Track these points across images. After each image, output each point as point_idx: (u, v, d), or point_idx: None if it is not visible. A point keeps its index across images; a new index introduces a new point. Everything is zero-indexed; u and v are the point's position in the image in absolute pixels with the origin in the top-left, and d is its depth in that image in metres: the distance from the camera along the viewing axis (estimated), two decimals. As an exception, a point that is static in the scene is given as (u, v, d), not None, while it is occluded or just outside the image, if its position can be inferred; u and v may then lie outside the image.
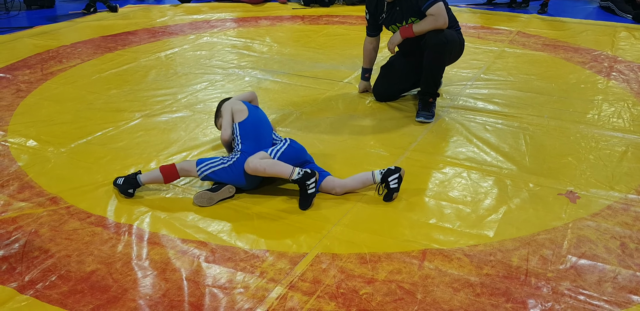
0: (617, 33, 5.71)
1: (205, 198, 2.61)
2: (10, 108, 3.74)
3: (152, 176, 2.69)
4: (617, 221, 2.51)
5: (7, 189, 2.74)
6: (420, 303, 2.01)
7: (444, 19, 3.41)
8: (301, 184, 2.56)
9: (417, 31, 3.47)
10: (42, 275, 2.14)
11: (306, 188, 2.56)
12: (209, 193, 2.61)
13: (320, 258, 2.24)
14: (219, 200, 2.63)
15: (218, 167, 2.66)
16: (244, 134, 2.78)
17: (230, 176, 2.65)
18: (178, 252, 2.29)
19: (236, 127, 2.82)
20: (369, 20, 3.80)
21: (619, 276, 2.16)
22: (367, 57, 3.96)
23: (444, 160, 3.05)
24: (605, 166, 2.98)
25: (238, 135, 2.78)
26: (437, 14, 3.41)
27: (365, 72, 4.00)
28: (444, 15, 3.41)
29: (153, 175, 2.69)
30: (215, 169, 2.66)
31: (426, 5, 3.40)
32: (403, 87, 3.93)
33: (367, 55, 3.96)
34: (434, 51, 3.48)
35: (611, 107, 3.76)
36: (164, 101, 3.86)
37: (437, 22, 3.42)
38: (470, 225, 2.48)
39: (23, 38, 5.43)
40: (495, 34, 5.66)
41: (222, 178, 2.66)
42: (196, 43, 5.31)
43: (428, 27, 3.44)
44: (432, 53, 3.49)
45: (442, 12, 3.42)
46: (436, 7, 3.41)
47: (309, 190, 2.56)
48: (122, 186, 2.67)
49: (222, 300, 2.02)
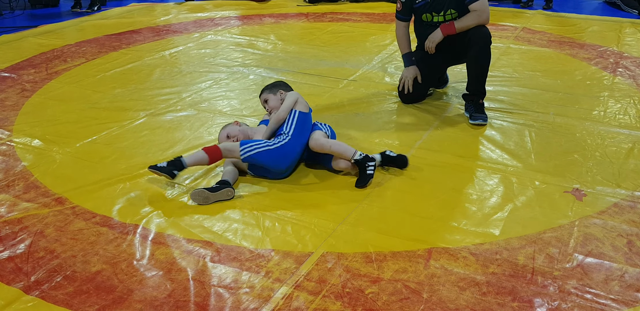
0: (623, 29, 5.67)
1: (202, 197, 2.61)
2: (15, 108, 3.74)
3: (196, 158, 2.71)
4: (623, 218, 2.50)
5: (12, 190, 2.75)
6: (426, 302, 2.00)
7: (487, 15, 3.37)
8: (361, 165, 2.74)
9: (459, 27, 3.39)
10: (48, 275, 2.15)
11: (365, 169, 2.73)
12: (206, 192, 2.61)
13: (326, 258, 2.24)
14: (215, 201, 2.63)
15: (262, 148, 2.70)
16: (299, 123, 2.84)
17: (272, 158, 2.72)
18: (183, 252, 2.29)
19: (295, 114, 2.87)
20: (405, 2, 3.60)
21: (626, 275, 2.14)
22: (405, 42, 3.73)
23: (450, 158, 3.04)
24: (612, 163, 2.97)
25: (294, 122, 2.84)
26: (481, 10, 3.35)
27: (410, 56, 3.75)
28: (487, 11, 3.36)
29: (197, 157, 2.71)
30: (260, 150, 2.70)
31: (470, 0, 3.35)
32: (428, 88, 3.86)
33: (405, 40, 3.73)
34: (481, 46, 3.39)
35: (617, 104, 3.74)
36: (169, 100, 3.86)
37: (481, 18, 3.36)
38: (476, 223, 2.47)
39: (28, 37, 5.44)
40: (501, 30, 5.64)
41: (264, 159, 2.71)
42: (200, 41, 5.31)
43: (472, 24, 3.37)
44: (479, 49, 3.40)
45: (486, 7, 3.36)
46: (481, 3, 3.34)
47: (368, 171, 2.72)
48: (167, 167, 2.68)
49: (227, 300, 2.02)
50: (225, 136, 2.97)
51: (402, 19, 3.70)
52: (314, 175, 2.86)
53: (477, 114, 3.46)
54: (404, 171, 2.89)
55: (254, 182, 2.81)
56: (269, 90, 3.12)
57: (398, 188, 2.75)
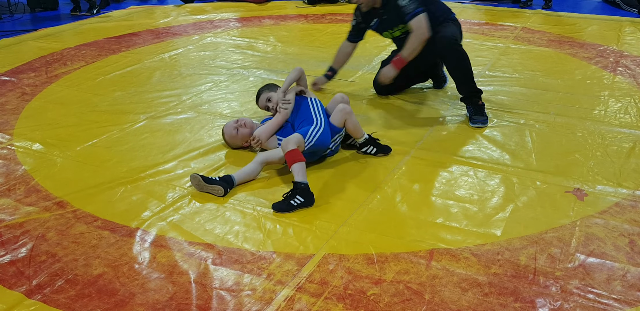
0: (623, 28, 5.67)
1: (196, 182, 2.69)
2: (15, 112, 3.75)
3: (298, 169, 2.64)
4: (625, 218, 2.49)
5: (13, 194, 2.75)
6: (428, 304, 2.00)
7: (424, 31, 3.39)
8: (372, 142, 3.02)
9: (408, 55, 3.47)
10: (50, 279, 2.15)
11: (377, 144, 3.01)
12: (200, 179, 2.67)
13: (328, 259, 2.24)
14: (206, 191, 2.68)
15: (319, 131, 2.83)
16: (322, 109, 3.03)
17: (326, 136, 2.87)
18: (185, 255, 2.29)
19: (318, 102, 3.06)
20: (354, 26, 3.78)
21: (628, 274, 2.14)
22: (339, 59, 3.92)
23: (450, 158, 3.04)
24: (613, 163, 2.96)
25: (319, 108, 3.02)
26: (417, 28, 3.40)
27: (330, 70, 3.94)
28: (424, 26, 3.39)
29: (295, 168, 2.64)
30: (319, 132, 2.84)
31: (408, 18, 3.40)
32: (403, 84, 3.92)
33: (341, 57, 3.92)
34: (449, 52, 3.42)
35: (618, 103, 3.74)
36: (169, 103, 3.86)
37: (421, 37, 3.40)
38: (477, 224, 2.47)
39: (27, 41, 5.44)
40: (500, 30, 5.64)
41: (323, 139, 2.84)
42: (200, 43, 5.31)
43: (416, 45, 3.42)
44: (450, 55, 3.42)
45: (422, 23, 3.39)
46: (416, 20, 3.39)
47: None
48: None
49: (229, 303, 2.02)
50: (234, 121, 3.10)
51: (350, 40, 3.87)
52: (315, 177, 2.86)
53: (476, 117, 3.44)
54: (405, 172, 2.89)
55: (255, 184, 2.81)
56: (269, 89, 3.19)
57: (399, 189, 2.75)
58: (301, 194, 2.56)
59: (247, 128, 3.07)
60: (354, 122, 2.97)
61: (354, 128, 2.97)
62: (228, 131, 3.10)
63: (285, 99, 2.95)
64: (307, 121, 2.95)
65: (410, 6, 3.38)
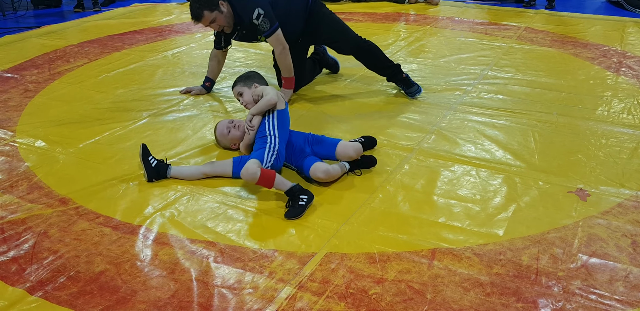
0: (626, 28, 5.66)
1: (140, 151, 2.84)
2: (18, 108, 3.75)
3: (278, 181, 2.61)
4: (628, 219, 2.49)
5: (16, 190, 2.75)
6: (430, 303, 2.00)
7: (282, 47, 3.57)
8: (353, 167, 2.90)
9: (289, 73, 3.66)
10: (52, 275, 2.15)
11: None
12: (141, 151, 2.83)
13: (329, 258, 2.24)
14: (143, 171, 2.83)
15: (274, 154, 2.74)
16: (280, 122, 2.86)
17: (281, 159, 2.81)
18: (187, 252, 2.29)
19: (274, 115, 2.88)
20: (217, 35, 3.82)
21: (631, 275, 2.14)
22: (212, 68, 3.98)
23: (452, 158, 3.04)
24: (616, 163, 2.96)
25: (274, 122, 2.85)
26: (276, 45, 3.57)
27: (207, 81, 4.00)
28: (280, 44, 3.56)
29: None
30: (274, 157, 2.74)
31: (266, 34, 3.52)
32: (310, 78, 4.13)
33: (213, 66, 3.97)
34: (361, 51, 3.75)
35: (621, 104, 3.73)
36: (171, 100, 3.86)
37: (285, 52, 3.58)
38: (479, 224, 2.46)
39: (30, 38, 5.45)
40: (503, 29, 5.63)
41: (276, 165, 2.76)
42: (203, 41, 5.30)
43: (288, 62, 3.62)
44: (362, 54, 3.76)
45: (278, 42, 3.55)
46: (274, 38, 3.54)
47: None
48: None
49: (231, 301, 2.02)
50: (229, 121, 3.08)
51: (217, 47, 3.90)
52: (317, 175, 2.86)
53: (411, 90, 3.80)
54: (407, 171, 2.89)
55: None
56: (243, 82, 3.10)
57: (401, 188, 2.75)
58: (301, 193, 2.56)
59: (238, 131, 3.03)
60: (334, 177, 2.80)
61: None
62: (220, 129, 3.08)
63: (250, 125, 2.89)
64: (262, 138, 2.81)
65: (265, 25, 3.47)
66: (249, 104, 3.02)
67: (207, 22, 3.44)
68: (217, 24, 3.47)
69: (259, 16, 3.43)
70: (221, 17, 3.44)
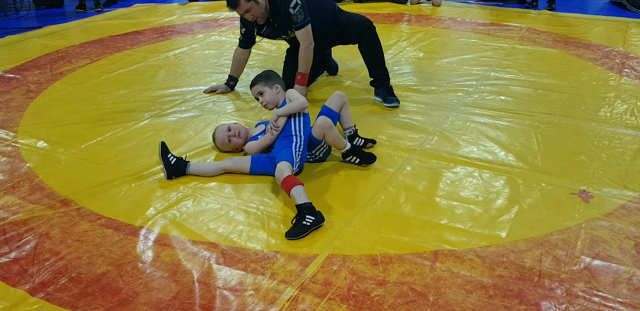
0: (629, 29, 5.65)
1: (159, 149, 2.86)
2: (20, 109, 3.75)
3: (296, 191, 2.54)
4: (631, 220, 2.48)
5: (18, 191, 2.75)
6: (432, 306, 1.99)
7: (308, 44, 3.62)
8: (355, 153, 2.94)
9: (306, 69, 3.68)
10: (53, 277, 2.14)
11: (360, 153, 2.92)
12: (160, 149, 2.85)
13: (331, 260, 2.23)
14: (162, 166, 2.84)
15: (301, 154, 2.78)
16: (306, 124, 2.92)
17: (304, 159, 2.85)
18: (188, 254, 2.28)
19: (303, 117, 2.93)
20: (244, 34, 3.86)
21: (634, 278, 2.13)
22: (236, 67, 4.01)
23: (455, 159, 3.03)
24: (619, 165, 2.95)
25: (301, 124, 2.90)
26: (304, 40, 3.61)
27: (231, 79, 4.03)
28: (307, 40, 3.61)
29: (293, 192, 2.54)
30: (301, 157, 2.78)
31: (296, 27, 3.58)
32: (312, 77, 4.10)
33: (237, 65, 4.01)
34: (368, 34, 3.70)
35: (624, 105, 3.72)
36: (173, 101, 3.86)
37: (310, 47, 3.64)
38: (482, 226, 2.46)
39: (32, 38, 5.45)
40: (505, 30, 5.62)
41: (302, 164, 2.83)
42: (205, 42, 5.30)
43: (309, 57, 3.66)
44: (368, 36, 3.71)
45: (309, 35, 3.61)
46: (304, 32, 3.59)
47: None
48: None
49: (233, 303, 2.01)
50: (227, 129, 3.06)
51: (242, 46, 3.95)
52: (319, 178, 2.86)
53: (390, 98, 3.74)
54: (409, 172, 2.88)
55: (259, 183, 2.81)
56: (264, 81, 3.08)
57: (403, 189, 2.74)
58: (309, 214, 2.43)
59: (240, 138, 3.04)
60: (334, 136, 2.83)
61: (333, 141, 2.86)
62: (220, 138, 3.06)
63: (276, 125, 2.89)
64: (287, 138, 2.84)
65: (299, 16, 3.53)
66: (270, 104, 3.03)
67: (241, 10, 3.53)
68: (251, 14, 3.54)
69: (296, 6, 3.50)
70: (256, 7, 3.51)
